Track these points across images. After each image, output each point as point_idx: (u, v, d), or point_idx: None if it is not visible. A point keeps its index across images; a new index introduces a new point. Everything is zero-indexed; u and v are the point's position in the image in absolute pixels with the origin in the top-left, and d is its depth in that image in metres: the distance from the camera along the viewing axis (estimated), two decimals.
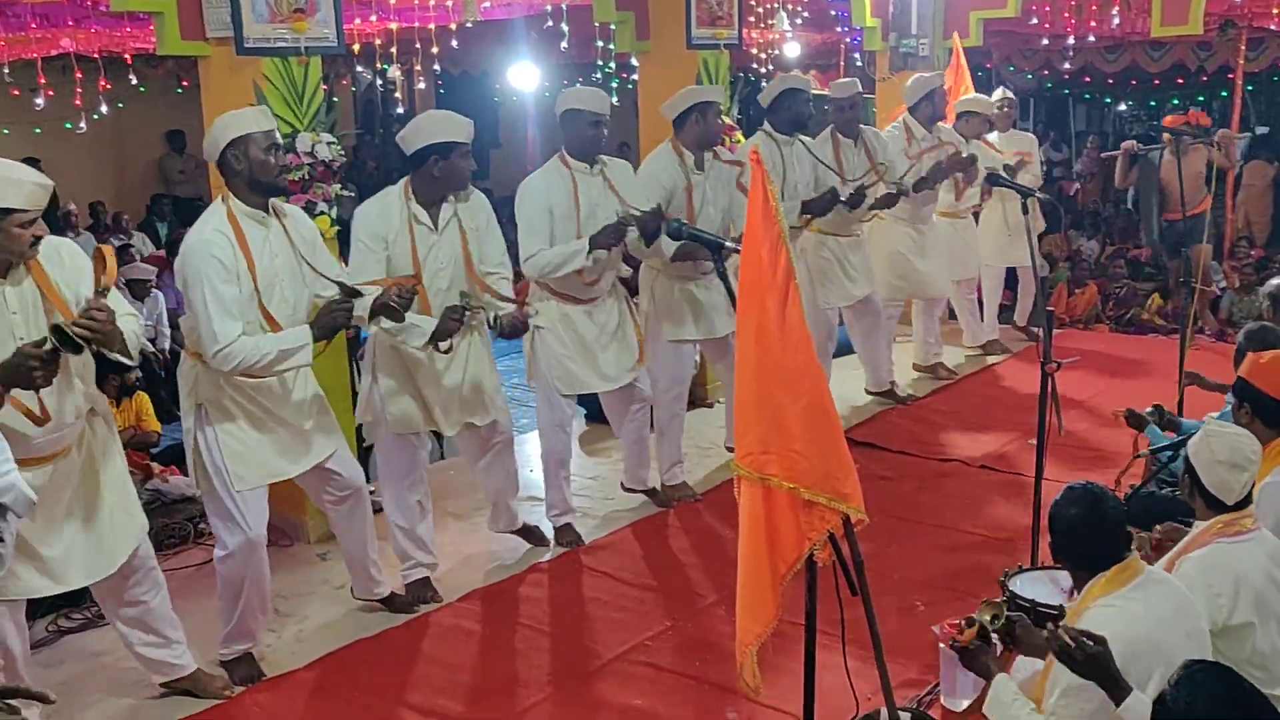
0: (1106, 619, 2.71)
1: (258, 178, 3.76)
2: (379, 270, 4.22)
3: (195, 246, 3.68)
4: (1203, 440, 3.12)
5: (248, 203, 3.78)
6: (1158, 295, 9.63)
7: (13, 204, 3.15)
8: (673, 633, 4.31)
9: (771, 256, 2.68)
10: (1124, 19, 9.65)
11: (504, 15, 9.81)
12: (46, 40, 8.21)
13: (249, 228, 3.76)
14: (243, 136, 3.74)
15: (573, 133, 4.85)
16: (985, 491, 5.63)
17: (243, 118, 3.82)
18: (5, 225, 3.14)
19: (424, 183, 4.30)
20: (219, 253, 3.65)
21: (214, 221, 3.73)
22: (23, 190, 3.17)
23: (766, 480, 2.72)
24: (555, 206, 4.77)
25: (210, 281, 3.62)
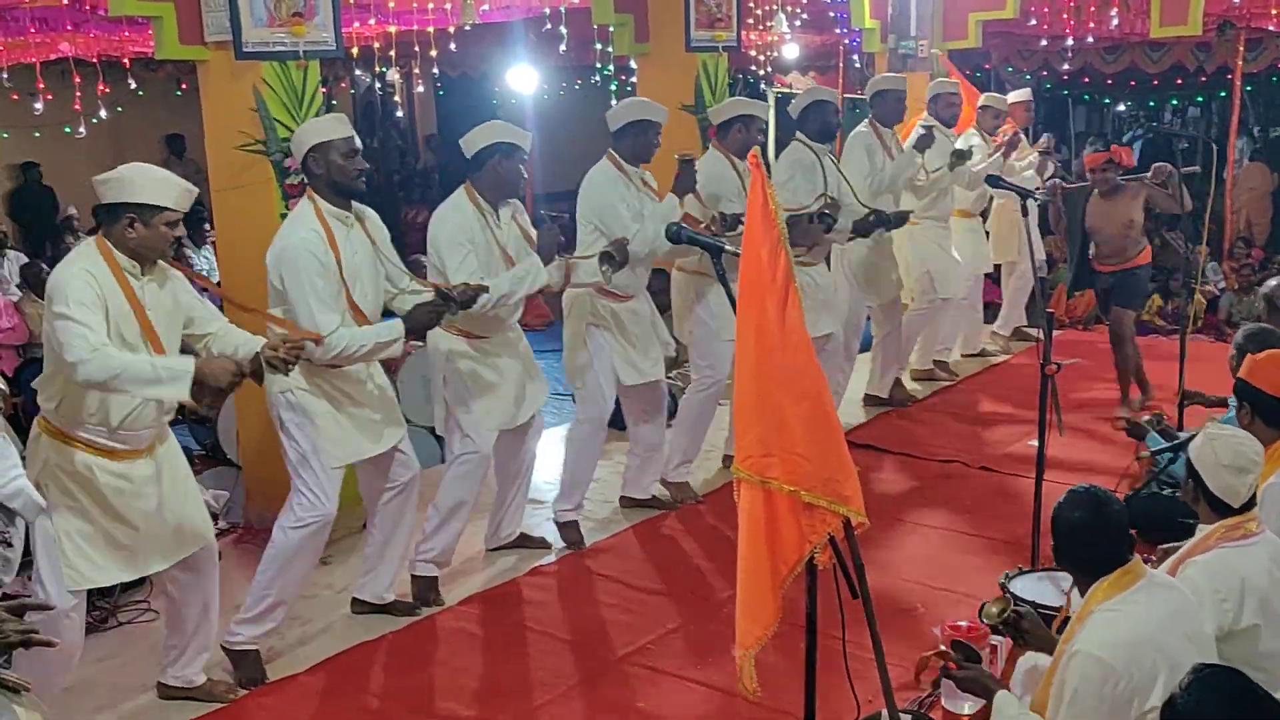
0: (1109, 623, 2.71)
1: (336, 180, 3.96)
2: (474, 271, 4.37)
3: (295, 245, 3.89)
4: (1205, 444, 3.11)
5: (331, 203, 3.99)
6: (1157, 296, 9.63)
7: (165, 202, 3.45)
8: (676, 635, 4.31)
9: (771, 258, 2.68)
10: (1123, 20, 9.66)
11: (503, 18, 9.82)
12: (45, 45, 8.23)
13: (335, 227, 3.96)
14: (323, 143, 3.93)
15: (640, 141, 4.99)
16: (985, 493, 5.63)
17: (321, 125, 4.04)
18: (155, 222, 3.44)
19: (485, 183, 4.49)
20: (315, 249, 3.87)
21: (307, 221, 3.94)
22: (174, 191, 3.48)
23: (767, 483, 2.72)
24: (626, 204, 4.95)
25: (310, 277, 3.84)
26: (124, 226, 3.43)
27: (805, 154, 5.94)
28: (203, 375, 3.35)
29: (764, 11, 8.70)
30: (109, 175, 3.48)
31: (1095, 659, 2.65)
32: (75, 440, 3.47)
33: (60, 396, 3.44)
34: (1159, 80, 13.66)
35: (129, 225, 3.43)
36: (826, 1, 10.33)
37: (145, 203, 3.43)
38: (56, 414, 3.47)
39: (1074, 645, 2.73)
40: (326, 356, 3.87)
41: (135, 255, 3.47)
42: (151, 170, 3.53)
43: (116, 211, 3.44)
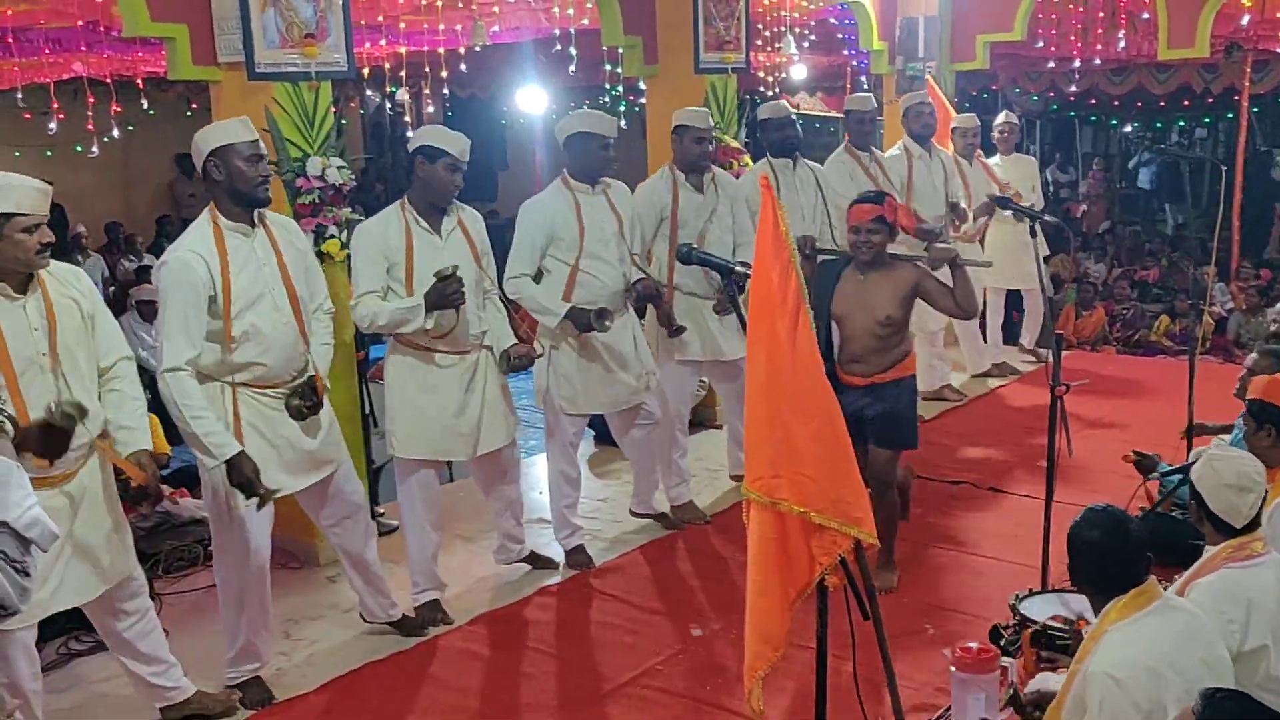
0: (1123, 642, 2.70)
1: (236, 187, 3.73)
2: (379, 280, 4.28)
3: (170, 264, 3.67)
4: (1206, 465, 3.11)
5: (229, 215, 3.76)
6: (1166, 317, 9.63)
7: (11, 208, 3.14)
8: (683, 656, 4.30)
9: (782, 280, 2.69)
10: (1130, 41, 9.69)
11: (512, 39, 9.89)
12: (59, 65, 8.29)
13: (233, 241, 3.74)
14: (224, 146, 3.73)
15: (580, 155, 4.88)
16: (994, 514, 5.62)
17: (223, 128, 3.80)
18: (8, 231, 3.13)
19: (415, 191, 4.39)
20: (192, 275, 3.63)
21: (194, 238, 3.73)
22: (22, 194, 3.17)
23: (776, 504, 2.72)
24: (558, 227, 4.82)
25: (173, 301, 3.62)
26: None
27: (768, 170, 5.96)
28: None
29: (772, 33, 8.72)
30: None
31: (1113, 679, 2.64)
32: None
33: None
34: (1166, 101, 13.69)
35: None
36: (835, 23, 10.37)
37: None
38: None
39: (1088, 666, 2.72)
40: (167, 394, 3.63)
41: (0, 274, 3.18)
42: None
43: None
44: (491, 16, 7.92)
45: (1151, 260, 12.11)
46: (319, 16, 4.85)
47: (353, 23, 5.07)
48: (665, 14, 6.76)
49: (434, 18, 7.43)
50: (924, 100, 7.21)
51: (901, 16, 8.61)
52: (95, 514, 3.50)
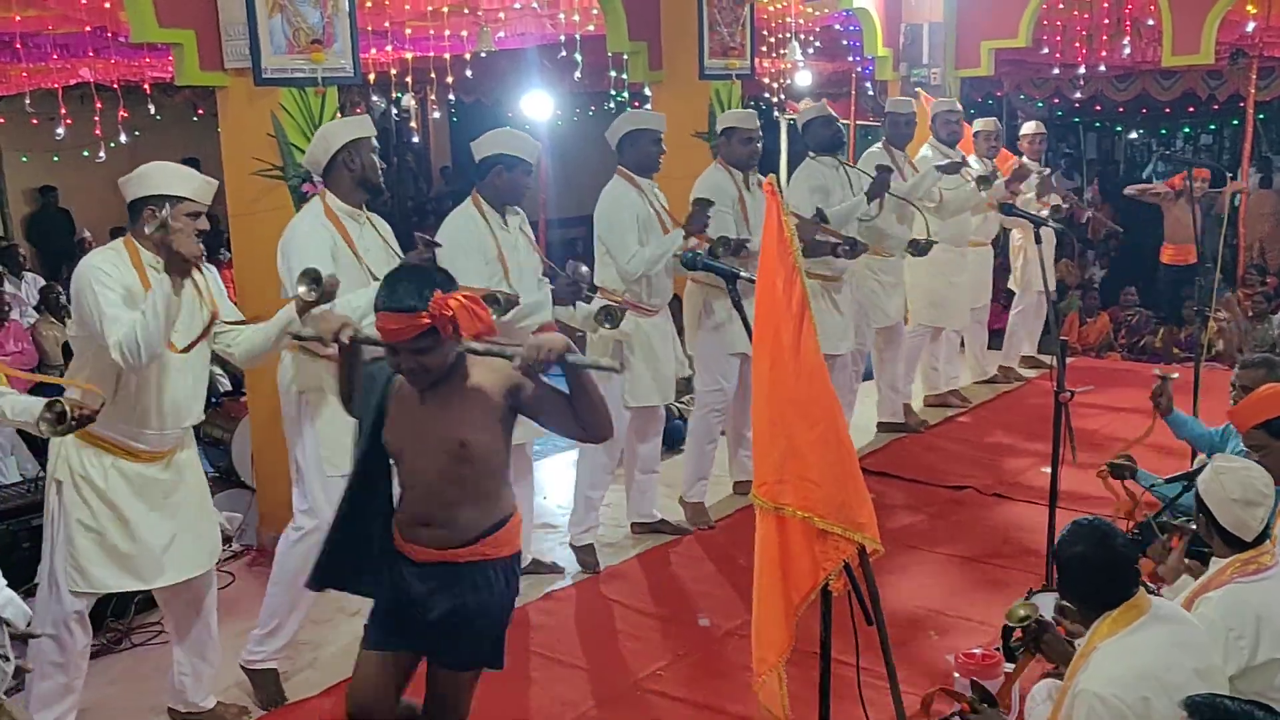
0: (1112, 659, 2.69)
1: (369, 177, 3.99)
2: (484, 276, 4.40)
3: (301, 233, 3.91)
4: (1213, 478, 3.08)
5: (347, 200, 4.01)
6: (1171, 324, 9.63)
7: (183, 192, 3.45)
8: (687, 661, 4.30)
9: (786, 286, 2.69)
10: (1135, 48, 9.70)
11: (518, 45, 9.91)
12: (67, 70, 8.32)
13: (347, 223, 3.98)
14: (356, 140, 3.97)
15: (638, 151, 5.07)
16: (999, 520, 5.62)
17: (353, 123, 4.07)
18: (177, 213, 3.40)
19: (488, 191, 4.53)
20: (319, 240, 3.86)
21: (313, 214, 3.97)
22: (193, 182, 3.50)
23: (781, 509, 2.72)
24: (640, 215, 5.00)
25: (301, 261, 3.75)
26: (145, 219, 3.40)
27: (813, 164, 6.04)
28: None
29: (777, 40, 8.75)
30: (131, 174, 3.49)
31: (1099, 698, 2.62)
32: (99, 439, 3.47)
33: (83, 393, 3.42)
34: (1171, 108, 13.69)
35: (151, 217, 3.38)
36: (839, 30, 10.39)
37: (165, 194, 3.43)
38: None
39: (1077, 684, 2.71)
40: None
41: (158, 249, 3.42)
42: (169, 165, 3.55)
43: (137, 206, 3.45)
44: (497, 23, 7.96)
45: None
46: (325, 22, 4.88)
47: (359, 29, 5.10)
48: (670, 20, 6.78)
49: (440, 24, 7.47)
50: (954, 108, 7.23)
51: (906, 23, 8.63)
52: (197, 491, 3.74)
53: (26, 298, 9.21)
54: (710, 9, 6.69)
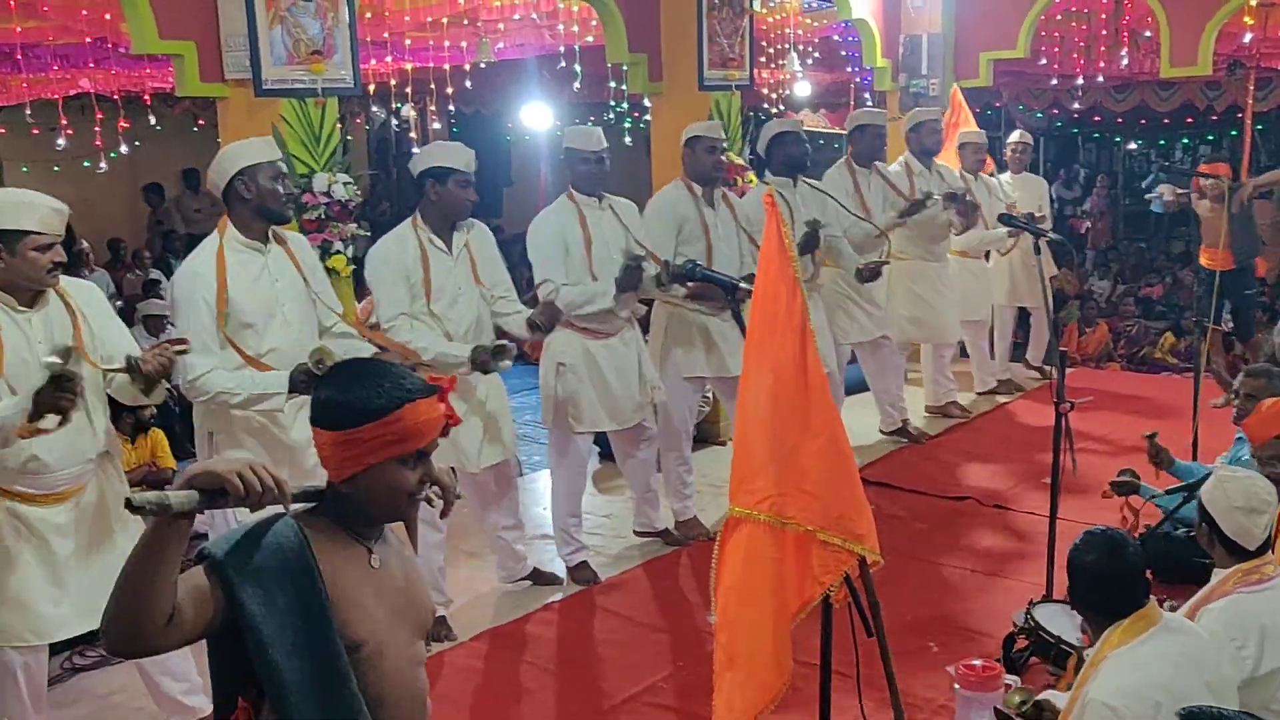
0: (1122, 669, 2.68)
1: (267, 205, 3.81)
2: (405, 302, 4.29)
3: (181, 279, 3.78)
4: (1216, 487, 3.09)
5: (246, 232, 3.83)
6: (1170, 334, 9.62)
7: (27, 226, 3.20)
8: (687, 673, 4.29)
9: (788, 298, 2.69)
10: (1133, 59, 9.72)
11: (517, 55, 9.94)
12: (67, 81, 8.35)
13: (244, 258, 3.80)
14: (252, 165, 3.79)
15: (574, 169, 4.95)
16: (999, 531, 5.61)
17: (252, 147, 3.88)
18: (20, 249, 3.20)
19: (427, 209, 4.39)
20: (203, 288, 3.71)
21: (202, 256, 3.80)
22: (36, 213, 3.23)
23: (782, 523, 2.71)
24: (568, 240, 4.84)
25: (193, 311, 3.69)
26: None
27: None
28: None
29: (776, 50, 8.77)
30: None
31: (1109, 708, 2.62)
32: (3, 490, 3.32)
33: None
34: (1169, 119, 13.73)
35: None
36: (838, 41, 10.42)
37: (6, 229, 3.20)
38: None
39: (1087, 693, 2.70)
40: (191, 397, 3.74)
41: (10, 288, 3.25)
42: (13, 193, 3.32)
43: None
44: (497, 34, 7.97)
45: (1156, 277, 12.12)
46: (326, 34, 4.89)
47: (359, 40, 5.11)
48: (670, 31, 6.79)
49: (439, 35, 7.48)
50: (935, 117, 7.20)
51: (905, 34, 8.64)
52: (104, 531, 3.51)
53: None
54: (710, 20, 6.70)
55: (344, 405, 1.94)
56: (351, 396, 1.94)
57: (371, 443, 1.93)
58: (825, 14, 9.15)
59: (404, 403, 1.95)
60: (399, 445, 1.95)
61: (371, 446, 1.93)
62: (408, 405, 1.95)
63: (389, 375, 1.98)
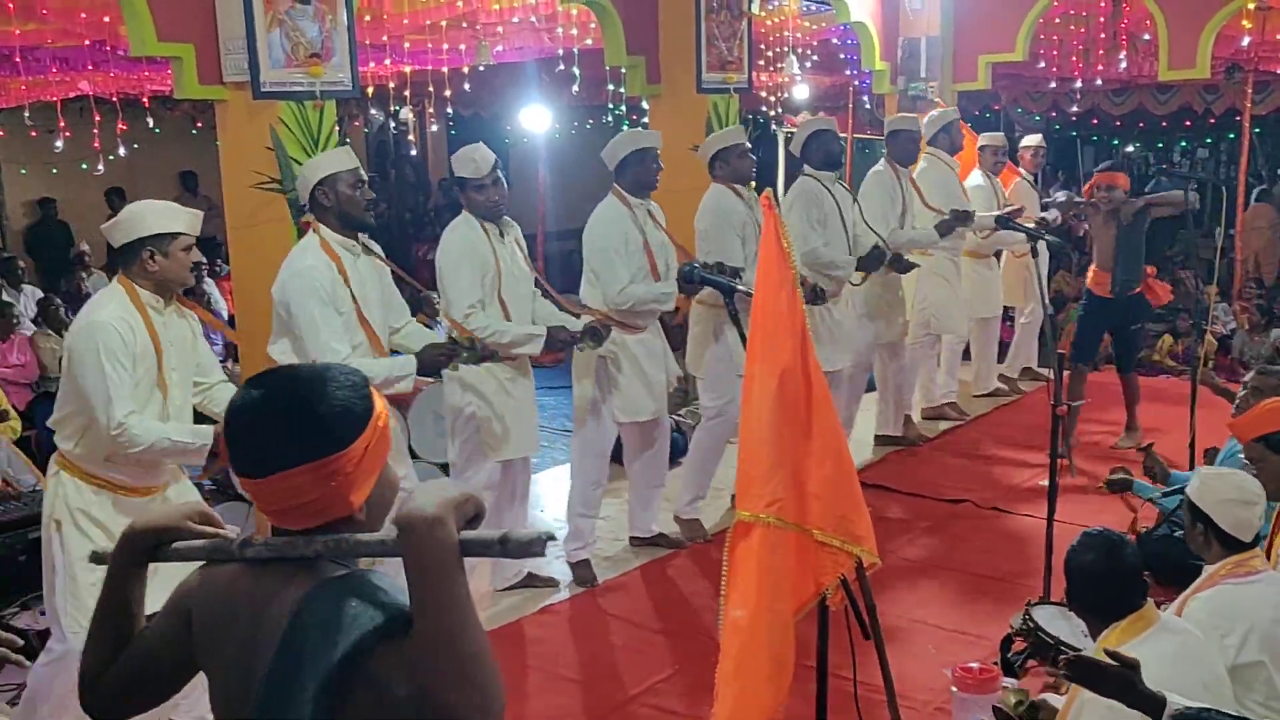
0: None
1: (346, 211, 4.01)
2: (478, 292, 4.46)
3: (301, 273, 3.94)
4: (1205, 484, 3.12)
5: (339, 234, 4.04)
6: (1168, 336, 9.62)
7: (177, 228, 3.49)
8: (686, 675, 4.29)
9: (789, 303, 2.70)
10: (1131, 62, 9.74)
11: (516, 58, 9.94)
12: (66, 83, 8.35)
13: (344, 256, 3.99)
14: (330, 175, 3.98)
15: (639, 170, 5.05)
16: (996, 533, 5.61)
17: (330, 158, 4.09)
18: (173, 249, 3.47)
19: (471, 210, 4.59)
20: (322, 279, 3.91)
21: (313, 251, 3.98)
22: (182, 216, 3.53)
23: (781, 524, 2.71)
24: (629, 240, 4.98)
25: (316, 305, 3.87)
26: (144, 261, 3.45)
27: (811, 184, 6.00)
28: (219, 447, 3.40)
29: (775, 53, 8.78)
30: (116, 219, 3.53)
31: (1109, 707, 2.63)
32: (93, 477, 3.48)
33: (79, 435, 3.46)
34: (1168, 122, 13.74)
35: (149, 258, 3.45)
36: (837, 44, 10.43)
37: (159, 233, 3.46)
38: (75, 452, 3.48)
39: (1084, 693, 2.71)
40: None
41: (159, 288, 3.51)
42: (154, 203, 3.60)
43: (133, 248, 3.47)
44: (495, 36, 7.98)
45: None
46: (324, 36, 4.89)
47: (358, 42, 5.11)
48: (668, 34, 6.80)
49: (438, 37, 7.49)
50: (955, 118, 7.26)
51: (903, 37, 8.66)
52: None
53: (25, 310, 9.20)
54: (708, 23, 6.71)
55: (348, 411, 1.65)
56: (343, 400, 1.66)
57: (378, 442, 1.70)
58: (824, 17, 9.16)
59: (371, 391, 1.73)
60: (385, 439, 1.74)
61: (379, 448, 1.71)
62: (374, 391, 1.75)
63: (333, 375, 1.69)
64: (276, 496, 1.61)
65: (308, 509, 1.62)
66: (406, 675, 1.49)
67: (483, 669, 1.49)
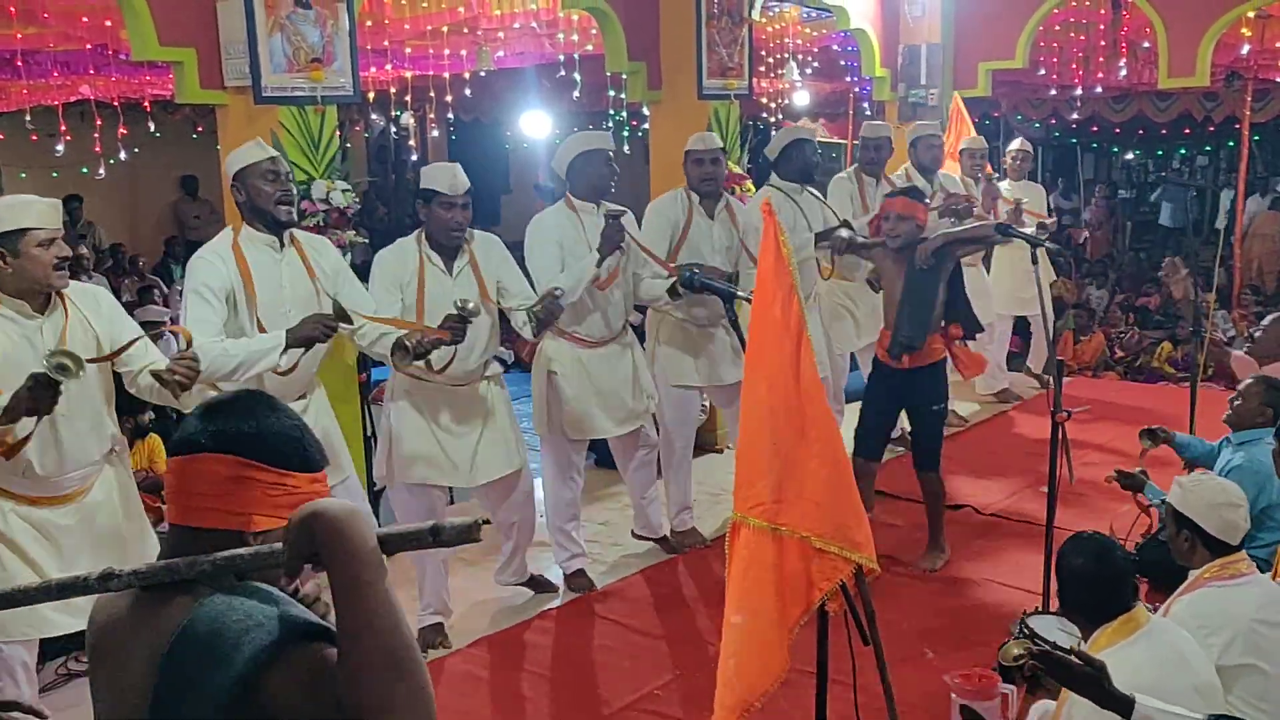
0: (1112, 668, 2.69)
1: (257, 205, 3.84)
2: (395, 309, 4.28)
3: (193, 259, 3.81)
4: (1187, 491, 3.15)
5: (257, 230, 3.90)
6: (1168, 343, 9.63)
7: (25, 224, 3.20)
8: (684, 681, 4.29)
9: (784, 307, 2.71)
10: (1131, 70, 9.75)
11: (517, 64, 9.95)
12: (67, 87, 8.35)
13: (257, 254, 3.84)
14: (243, 168, 3.85)
15: (589, 173, 4.90)
16: (996, 540, 5.61)
17: (242, 153, 3.93)
18: (24, 247, 3.19)
19: (426, 226, 4.40)
20: (212, 267, 3.75)
21: (215, 245, 3.86)
22: (30, 210, 3.24)
23: (778, 530, 2.72)
24: (565, 242, 4.83)
25: (195, 288, 3.72)
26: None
27: (776, 196, 5.91)
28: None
29: (775, 60, 8.79)
30: None
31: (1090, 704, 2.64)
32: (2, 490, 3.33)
33: None
34: (1167, 129, 13.77)
35: (1, 262, 3.19)
36: (837, 50, 10.44)
37: (6, 230, 3.20)
38: None
39: None
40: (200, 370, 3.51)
41: (21, 293, 3.26)
42: (3, 198, 3.34)
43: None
44: (496, 42, 7.99)
45: (1153, 287, 12.13)
46: (325, 41, 4.90)
47: (359, 47, 5.12)
48: (669, 40, 6.81)
49: (439, 43, 7.50)
50: (935, 132, 7.24)
51: (904, 44, 8.67)
52: (113, 528, 3.53)
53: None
54: (709, 29, 6.72)
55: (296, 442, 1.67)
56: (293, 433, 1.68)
57: (297, 497, 1.66)
58: (824, 24, 9.18)
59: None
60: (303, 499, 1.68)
61: (294, 500, 1.65)
62: None
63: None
64: (192, 481, 1.61)
65: (211, 506, 1.60)
66: (310, 694, 1.41)
67: (423, 682, 1.40)
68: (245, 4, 4.65)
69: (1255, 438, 4.23)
